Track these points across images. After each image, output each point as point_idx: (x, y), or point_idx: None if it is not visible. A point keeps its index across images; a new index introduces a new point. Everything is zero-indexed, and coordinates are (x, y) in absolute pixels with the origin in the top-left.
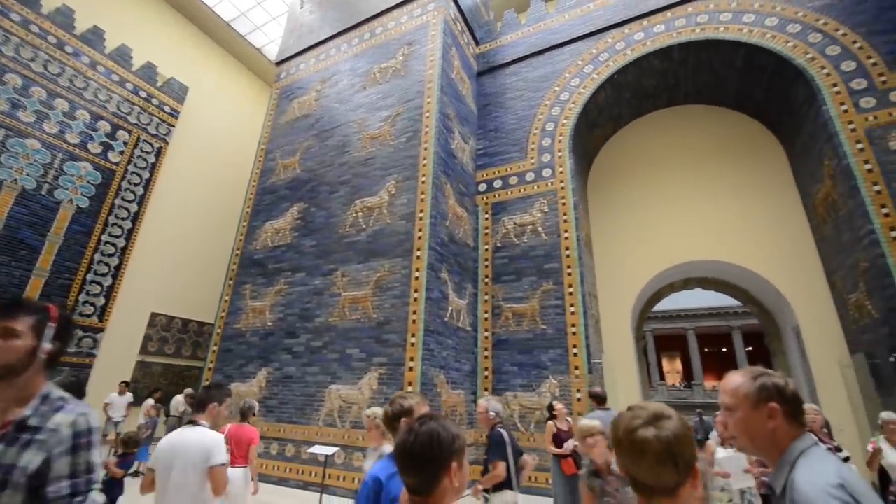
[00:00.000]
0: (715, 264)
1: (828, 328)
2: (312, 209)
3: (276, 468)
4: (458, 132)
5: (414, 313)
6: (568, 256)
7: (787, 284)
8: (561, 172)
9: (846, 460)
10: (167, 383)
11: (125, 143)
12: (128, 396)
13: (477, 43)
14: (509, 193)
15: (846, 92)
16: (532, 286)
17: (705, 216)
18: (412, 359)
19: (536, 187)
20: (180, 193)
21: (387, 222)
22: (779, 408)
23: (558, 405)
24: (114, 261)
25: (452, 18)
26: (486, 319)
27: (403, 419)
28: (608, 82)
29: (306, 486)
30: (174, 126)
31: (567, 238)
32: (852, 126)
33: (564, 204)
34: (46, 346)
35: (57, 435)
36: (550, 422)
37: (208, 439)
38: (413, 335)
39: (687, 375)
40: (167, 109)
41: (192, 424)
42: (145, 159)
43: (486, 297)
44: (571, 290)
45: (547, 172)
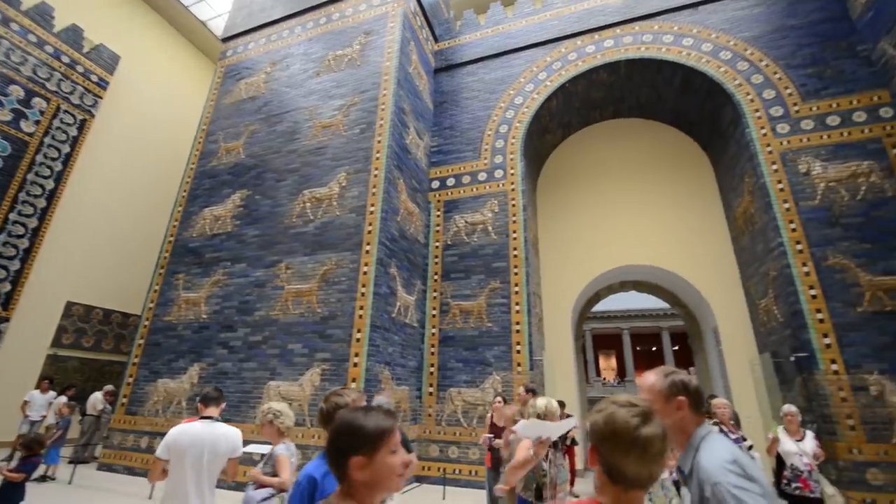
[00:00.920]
0: (648, 269)
1: (741, 330)
2: (257, 197)
3: None
4: (414, 127)
5: (361, 308)
6: (515, 256)
7: (709, 289)
8: (512, 174)
9: (750, 448)
10: (84, 379)
11: (41, 113)
12: (51, 395)
13: (436, 40)
14: (462, 192)
15: (766, 117)
16: (480, 284)
17: (641, 223)
18: (357, 355)
19: (488, 187)
20: (107, 172)
21: (336, 214)
22: (685, 400)
23: (497, 401)
24: (23, 243)
25: (412, 12)
26: (434, 316)
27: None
28: (560, 90)
29: (240, 487)
30: (102, 98)
31: (515, 238)
32: (769, 148)
33: (514, 205)
34: None
35: None
36: (489, 416)
37: (235, 434)
38: (359, 331)
39: (620, 372)
40: (94, 79)
41: (209, 419)
42: (66, 132)
43: (435, 294)
44: (517, 290)
45: (499, 173)
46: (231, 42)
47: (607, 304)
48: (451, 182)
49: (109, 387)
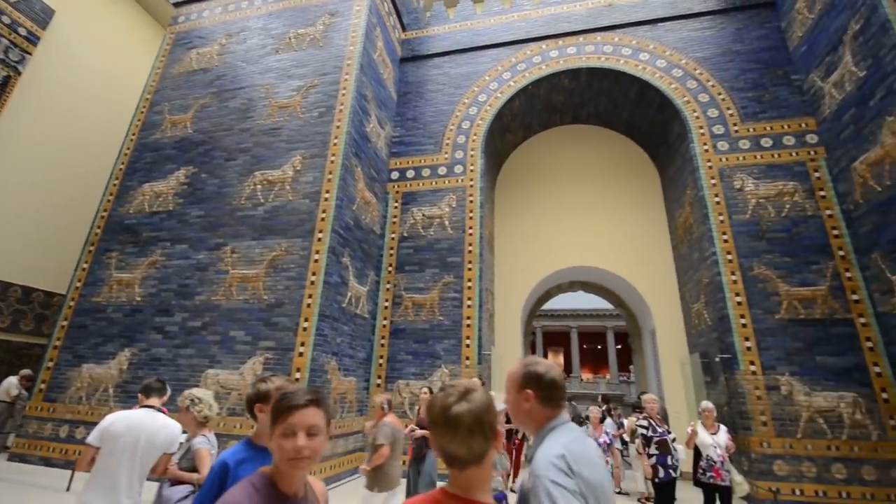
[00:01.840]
0: (596, 271)
1: (675, 332)
2: (203, 175)
3: None
4: (375, 116)
5: (310, 297)
6: (470, 252)
7: (649, 293)
8: (472, 171)
9: (673, 440)
10: None
11: None
12: None
13: (403, 28)
14: (420, 185)
15: (709, 135)
16: (434, 278)
17: (592, 227)
18: (303, 344)
19: (447, 182)
20: (33, 135)
21: (288, 199)
22: (532, 393)
23: (424, 392)
24: None
25: None
26: (386, 308)
27: (258, 405)
28: (523, 91)
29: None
30: (31, 54)
31: (471, 234)
32: (710, 164)
33: (472, 201)
34: None
35: None
36: (417, 407)
37: (175, 427)
38: (307, 319)
39: (567, 368)
40: (22, 32)
41: (151, 409)
42: None
43: (388, 286)
44: (470, 285)
45: (459, 169)
46: (184, 7)
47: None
48: (411, 174)
49: (26, 371)
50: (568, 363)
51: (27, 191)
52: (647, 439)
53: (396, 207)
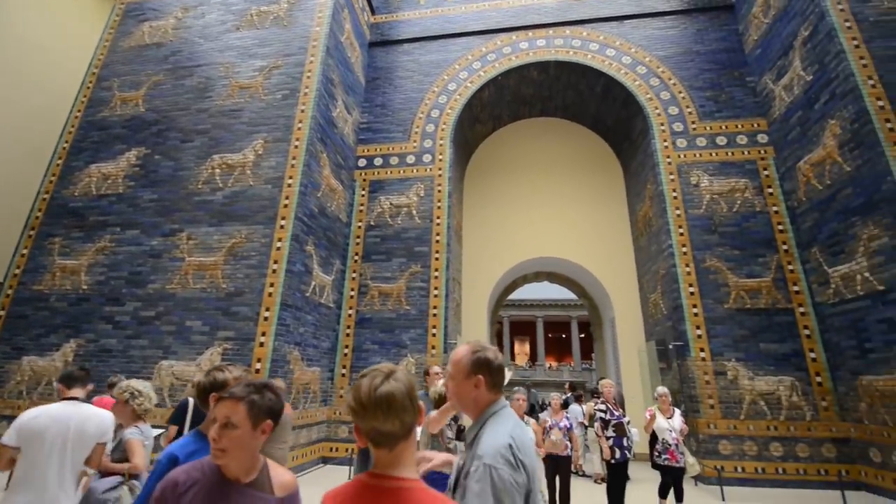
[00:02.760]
0: (561, 261)
1: (633, 320)
2: (157, 157)
3: None
4: (342, 101)
5: (271, 286)
6: (437, 242)
7: (611, 283)
8: (440, 160)
9: (628, 423)
10: None
11: None
12: None
13: (373, 11)
14: (388, 173)
15: (669, 132)
16: (401, 267)
17: (558, 218)
18: (264, 334)
19: (416, 171)
20: None
21: (249, 184)
22: (483, 379)
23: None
24: None
25: None
26: (352, 297)
27: (212, 394)
28: (493, 82)
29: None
30: None
31: (439, 224)
32: (669, 160)
33: (440, 191)
34: None
35: None
36: None
37: (107, 416)
38: (268, 309)
39: (533, 356)
40: None
41: (74, 401)
42: None
43: (354, 275)
44: (437, 275)
45: (427, 158)
46: None
47: (524, 293)
48: (379, 162)
49: None
50: (534, 351)
51: None
52: (605, 422)
53: (363, 196)
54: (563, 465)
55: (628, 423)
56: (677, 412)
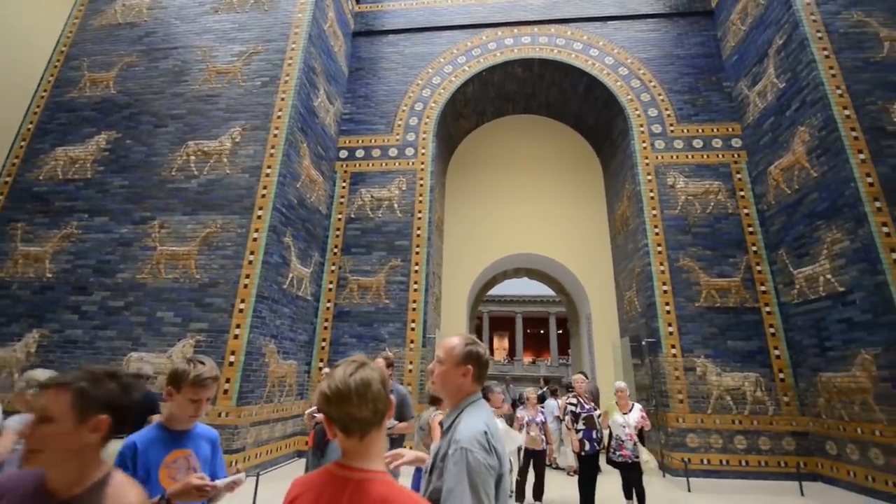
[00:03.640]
0: (541, 258)
1: (609, 317)
2: (128, 142)
3: None
4: (324, 90)
5: (247, 277)
6: (418, 236)
7: (588, 280)
8: (423, 154)
9: (599, 416)
10: None
11: None
12: None
13: (357, 0)
14: (370, 165)
15: (648, 133)
16: (381, 261)
17: (538, 215)
18: (239, 326)
19: (398, 164)
20: None
21: (226, 172)
22: (471, 370)
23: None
24: None
25: None
26: (331, 290)
27: (168, 387)
28: (477, 77)
29: None
30: None
31: (420, 218)
32: (647, 161)
33: (422, 185)
34: None
35: None
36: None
37: None
38: (243, 300)
39: (511, 352)
40: None
41: None
42: None
43: (333, 268)
44: (417, 269)
45: (410, 151)
46: None
47: (504, 289)
48: (361, 154)
49: None
50: (512, 347)
51: None
52: (576, 415)
53: (344, 188)
54: (538, 459)
55: (599, 417)
56: (637, 407)
